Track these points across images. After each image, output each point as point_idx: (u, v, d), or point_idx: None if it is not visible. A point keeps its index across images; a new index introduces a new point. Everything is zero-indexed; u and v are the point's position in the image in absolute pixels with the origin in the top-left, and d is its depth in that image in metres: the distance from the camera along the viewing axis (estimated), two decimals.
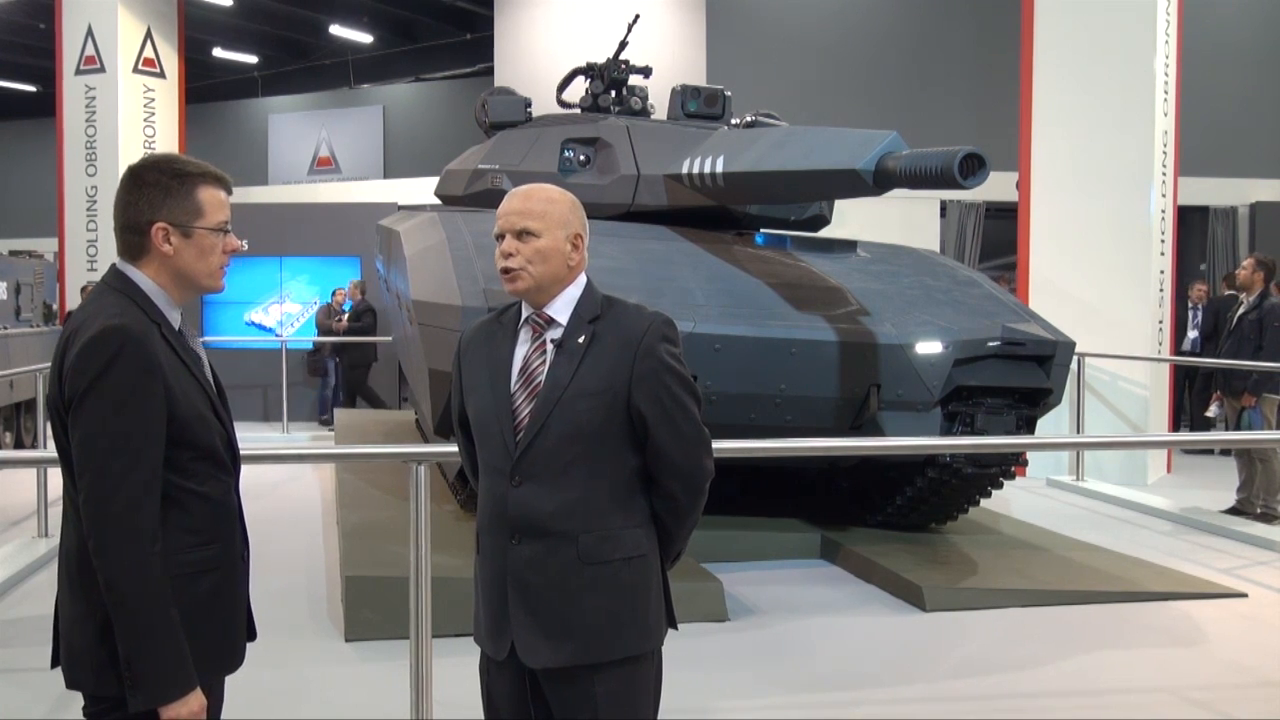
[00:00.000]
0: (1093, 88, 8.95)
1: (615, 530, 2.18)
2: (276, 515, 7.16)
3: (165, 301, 2.01)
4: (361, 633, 4.74)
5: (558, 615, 2.16)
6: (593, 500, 2.16)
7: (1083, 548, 6.34)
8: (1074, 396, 8.61)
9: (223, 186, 2.07)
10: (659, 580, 2.27)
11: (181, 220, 2.00)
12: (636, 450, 2.20)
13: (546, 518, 2.15)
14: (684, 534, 2.30)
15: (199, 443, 1.98)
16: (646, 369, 2.16)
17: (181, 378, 1.97)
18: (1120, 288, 8.97)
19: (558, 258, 2.21)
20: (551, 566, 2.16)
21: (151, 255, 2.01)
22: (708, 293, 5.43)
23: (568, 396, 2.15)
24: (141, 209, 1.99)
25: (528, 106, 7.33)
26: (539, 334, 2.23)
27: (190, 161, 2.05)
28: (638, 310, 2.24)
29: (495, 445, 2.21)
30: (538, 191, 2.25)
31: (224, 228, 2.05)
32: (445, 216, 6.23)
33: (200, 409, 1.99)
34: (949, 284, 6.13)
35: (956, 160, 4.31)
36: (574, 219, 2.24)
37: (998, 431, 5.44)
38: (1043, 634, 4.95)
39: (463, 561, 4.94)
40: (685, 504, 2.25)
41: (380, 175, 21.77)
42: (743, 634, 4.92)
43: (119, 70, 13.78)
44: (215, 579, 2.00)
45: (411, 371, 6.69)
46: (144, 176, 2.01)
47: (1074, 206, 9.03)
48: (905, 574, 5.49)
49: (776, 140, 5.72)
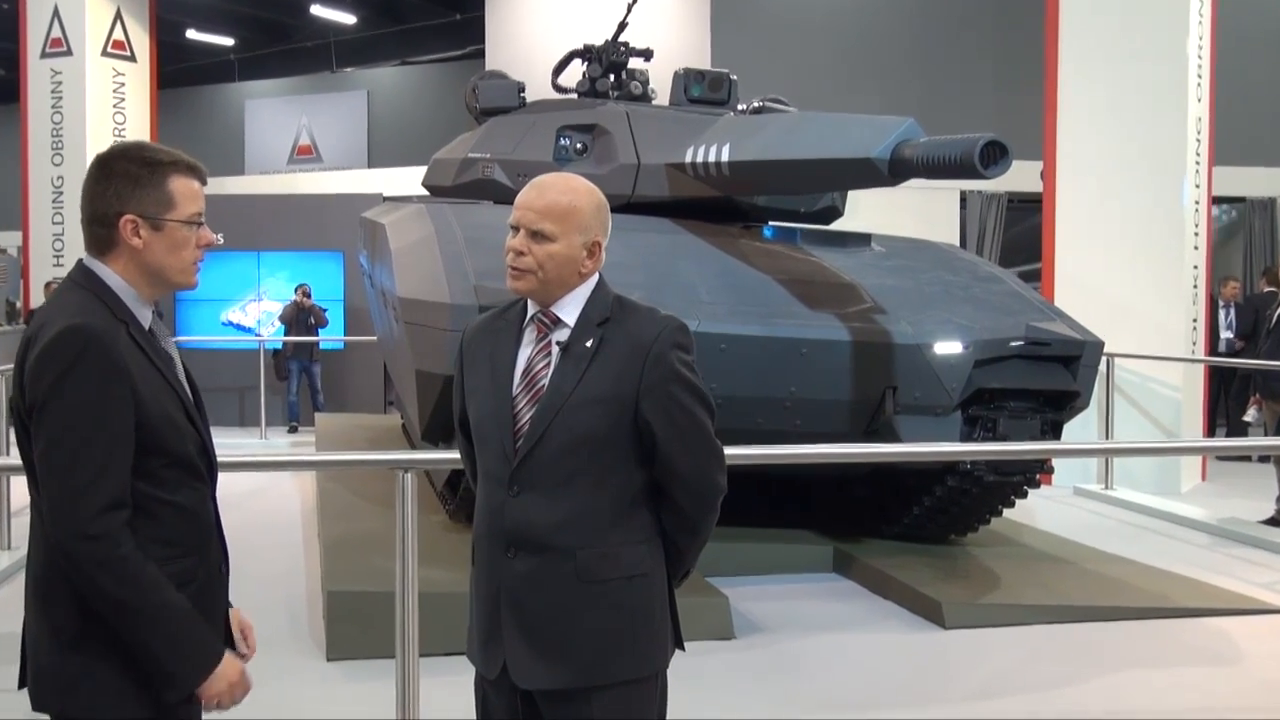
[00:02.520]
0: (1122, 72, 8.95)
1: (616, 547, 2.17)
2: (253, 526, 7.16)
3: (134, 299, 2.01)
4: (344, 651, 4.74)
5: (553, 635, 2.16)
6: (594, 514, 2.16)
7: (1112, 561, 6.34)
8: (1102, 400, 8.61)
9: (196, 176, 2.06)
10: (663, 600, 2.26)
11: (152, 212, 1.99)
12: (643, 462, 2.20)
13: (544, 531, 2.15)
14: (694, 552, 2.30)
15: (171, 449, 1.97)
16: (656, 377, 2.15)
17: (151, 380, 1.96)
18: (1152, 283, 8.97)
19: (569, 265, 2.18)
20: (548, 583, 2.16)
21: (120, 249, 2.00)
22: (712, 289, 5.43)
23: (571, 403, 2.14)
24: (109, 200, 1.99)
25: (521, 91, 7.33)
26: (544, 334, 2.22)
27: (161, 149, 2.04)
28: (650, 314, 2.23)
29: (494, 451, 2.21)
30: (561, 188, 2.19)
31: (197, 220, 2.05)
32: (433, 209, 6.23)
33: (172, 413, 1.99)
34: (969, 280, 6.13)
35: (977, 148, 4.31)
36: (595, 224, 2.20)
37: (1021, 437, 5.44)
38: (1069, 653, 4.95)
39: (452, 575, 4.95)
40: (695, 521, 2.25)
41: (364, 165, 21.79)
42: (750, 652, 4.92)
43: (87, 53, 13.80)
44: (191, 593, 1.99)
45: (398, 373, 6.69)
46: (112, 166, 2.00)
47: (1102, 197, 9.03)
48: (923, 589, 5.49)
49: (785, 127, 5.73)
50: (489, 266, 4.97)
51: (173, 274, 2.04)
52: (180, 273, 2.05)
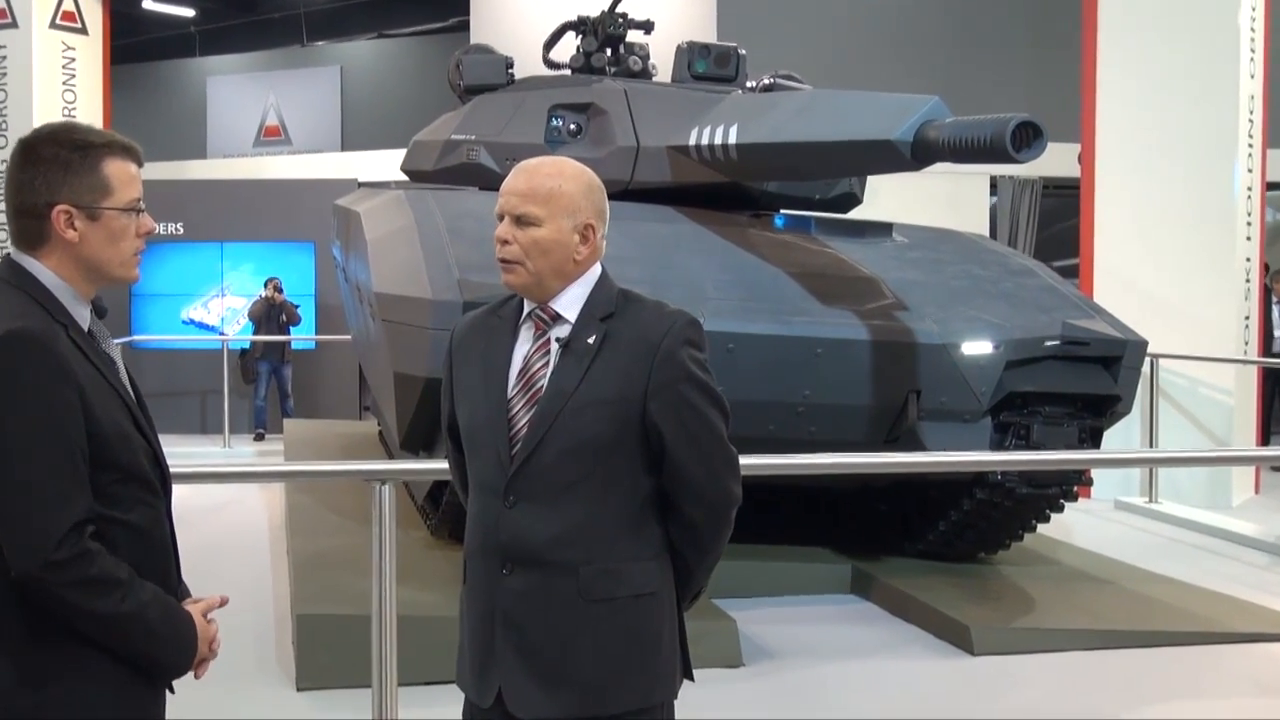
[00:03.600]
0: (1167, 46, 8.95)
1: (622, 562, 2.17)
2: (216, 544, 7.16)
3: (71, 297, 1.99)
4: (315, 680, 4.73)
5: (553, 660, 2.16)
6: (597, 527, 2.16)
7: (1156, 581, 6.34)
8: (1146, 405, 8.61)
9: (132, 158, 2.05)
10: (673, 623, 2.27)
11: (86, 200, 1.98)
12: (651, 470, 2.20)
13: (543, 545, 2.15)
14: (705, 569, 2.31)
15: (122, 462, 1.96)
16: (666, 377, 2.16)
17: (97, 387, 1.94)
18: (1200, 277, 8.97)
19: (560, 251, 2.19)
20: (547, 602, 2.16)
21: (53, 243, 1.98)
22: (719, 284, 5.43)
23: (572, 406, 2.15)
24: (38, 189, 1.96)
25: (509, 67, 7.33)
26: (542, 331, 2.23)
27: (92, 130, 2.03)
28: (658, 308, 2.24)
29: (488, 459, 2.21)
30: (546, 170, 2.22)
31: (136, 207, 2.03)
32: (413, 195, 6.24)
33: (121, 422, 1.97)
34: (1000, 274, 6.14)
35: (1009, 129, 4.31)
36: (585, 206, 2.21)
37: (1057, 445, 5.45)
38: (1110, 682, 4.95)
39: (433, 597, 4.96)
40: (707, 535, 2.25)
41: (337, 147, 21.80)
42: (759, 681, 4.92)
43: (34, 25, 13.78)
44: None
45: (374, 375, 6.70)
46: (39, 151, 1.98)
47: (1145, 183, 9.03)
48: (950, 611, 5.50)
49: (799, 106, 5.73)
50: (474, 258, 4.98)
51: (112, 267, 2.03)
52: (121, 265, 2.04)
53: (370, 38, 22.78)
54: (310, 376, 12.62)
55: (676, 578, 2.27)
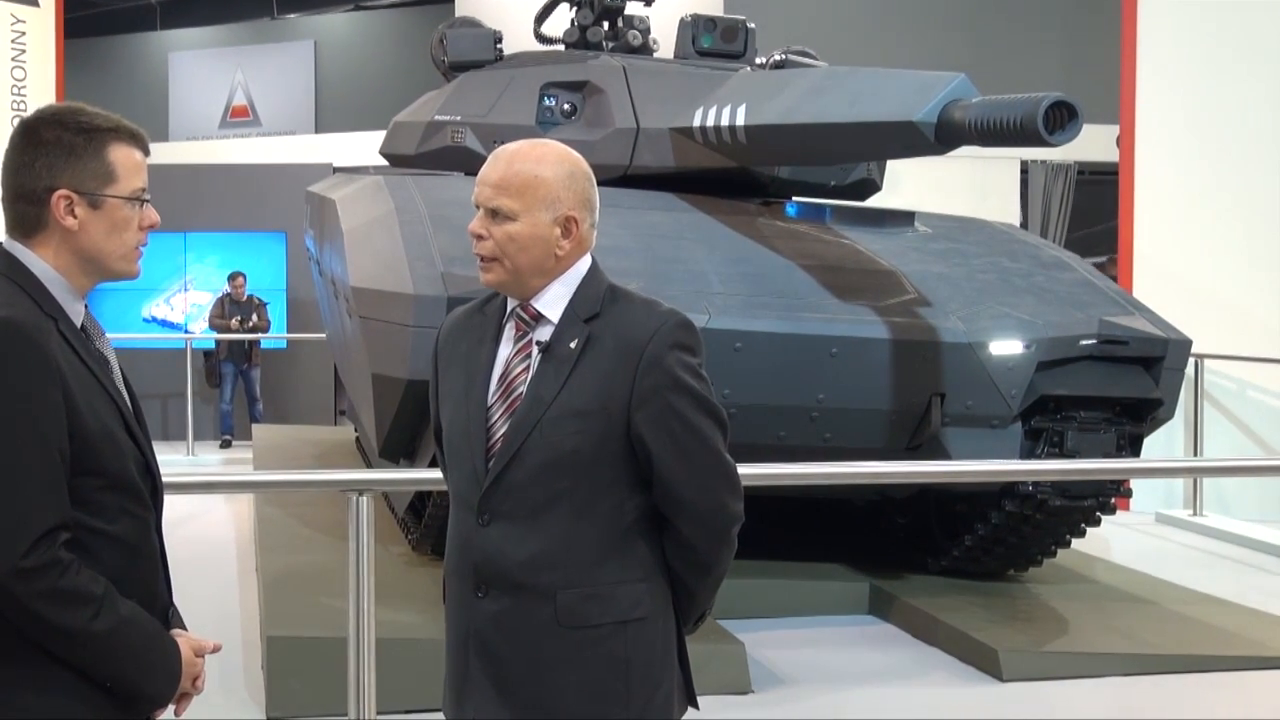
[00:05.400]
0: (1214, 19, 8.96)
1: (607, 586, 2.16)
2: (179, 559, 7.10)
3: (64, 290, 2.01)
4: (287, 708, 4.73)
5: (529, 691, 2.15)
6: (577, 548, 2.15)
7: (1201, 601, 6.34)
8: (1190, 409, 8.61)
9: (139, 145, 2.07)
10: (669, 649, 2.25)
11: (89, 187, 2.00)
12: (639, 486, 2.19)
13: (517, 567, 2.14)
14: (708, 590, 2.30)
15: (108, 468, 1.97)
16: (652, 385, 2.13)
17: (86, 387, 1.96)
18: (1249, 270, 8.98)
19: (539, 247, 2.16)
20: (522, 629, 2.15)
21: (50, 231, 2.01)
22: (726, 278, 5.44)
23: (551, 416, 2.13)
24: (38, 173, 1.99)
25: (498, 42, 7.33)
26: (524, 332, 2.21)
27: (98, 114, 2.05)
28: (646, 307, 2.21)
29: (464, 471, 2.21)
30: (523, 156, 2.18)
31: (140, 197, 2.06)
32: (393, 181, 6.24)
33: (110, 426, 1.98)
34: (1031, 267, 6.15)
35: (1041, 110, 4.32)
36: (567, 196, 2.17)
37: (1093, 454, 5.45)
38: (1149, 708, 4.96)
39: (415, 618, 4.96)
40: (706, 555, 2.23)
41: (311, 129, 21.79)
42: (770, 708, 4.92)
43: None
44: None
45: (350, 377, 6.70)
46: (41, 133, 2.00)
47: (1189, 169, 9.04)
48: (976, 634, 5.50)
49: (812, 85, 5.74)
50: (459, 250, 4.97)
51: (112, 260, 2.05)
52: (121, 259, 2.07)
53: (346, 9, 22.78)
54: (281, 378, 12.64)
55: (677, 599, 2.26)
